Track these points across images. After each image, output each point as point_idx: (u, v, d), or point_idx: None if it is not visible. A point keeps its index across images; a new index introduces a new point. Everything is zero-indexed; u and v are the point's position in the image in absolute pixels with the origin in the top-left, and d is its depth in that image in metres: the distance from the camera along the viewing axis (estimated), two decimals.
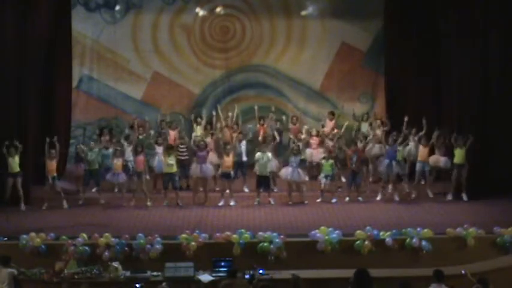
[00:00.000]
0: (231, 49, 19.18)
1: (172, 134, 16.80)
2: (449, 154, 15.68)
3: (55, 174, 15.52)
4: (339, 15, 18.88)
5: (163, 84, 19.14)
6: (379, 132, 16.73)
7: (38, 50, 16.51)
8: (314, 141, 16.83)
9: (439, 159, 15.78)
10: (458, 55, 15.99)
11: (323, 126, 17.55)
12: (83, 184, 15.91)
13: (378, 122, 17.24)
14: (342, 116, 18.98)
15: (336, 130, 16.85)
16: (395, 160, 15.64)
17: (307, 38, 19.08)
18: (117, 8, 18.88)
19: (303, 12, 19.13)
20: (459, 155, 15.37)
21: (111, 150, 16.06)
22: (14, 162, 15.05)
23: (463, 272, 11.31)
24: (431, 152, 15.90)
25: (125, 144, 16.24)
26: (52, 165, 15.45)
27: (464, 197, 15.60)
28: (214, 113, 17.43)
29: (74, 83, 18.58)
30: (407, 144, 16.20)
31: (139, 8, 18.86)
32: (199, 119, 17.45)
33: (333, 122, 17.58)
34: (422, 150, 15.72)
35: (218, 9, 19.08)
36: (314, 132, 17.02)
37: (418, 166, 15.75)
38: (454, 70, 16.21)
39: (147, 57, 19.03)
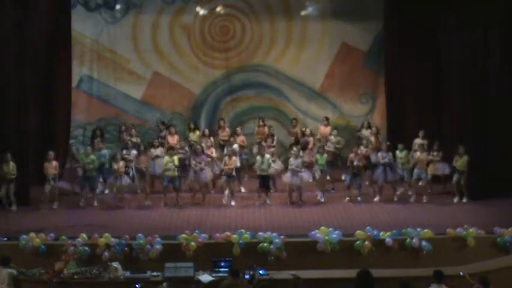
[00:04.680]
0: (231, 49, 19.17)
1: (171, 140, 16.77)
2: (446, 161, 15.73)
3: (55, 174, 15.49)
4: (339, 16, 18.88)
5: (163, 84, 19.13)
6: (373, 139, 16.78)
7: (38, 50, 16.50)
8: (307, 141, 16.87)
9: (437, 166, 15.79)
10: (459, 55, 15.99)
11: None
12: (80, 188, 15.87)
13: (374, 129, 17.25)
14: (342, 117, 19.08)
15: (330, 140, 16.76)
16: (389, 166, 15.68)
17: (307, 38, 19.07)
18: (117, 8, 18.89)
19: (303, 13, 19.12)
20: (461, 161, 15.39)
21: (104, 151, 16.08)
22: (8, 168, 15.02)
23: (461, 274, 11.30)
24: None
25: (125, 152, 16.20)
26: (51, 166, 15.43)
27: (465, 199, 15.61)
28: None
29: (74, 83, 18.58)
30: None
31: (139, 8, 18.86)
32: (192, 125, 17.47)
33: (328, 128, 17.55)
34: (420, 158, 15.72)
35: (218, 9, 19.09)
36: (308, 132, 17.04)
37: (415, 174, 15.78)
38: (454, 70, 16.21)
39: (147, 57, 19.03)
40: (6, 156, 14.99)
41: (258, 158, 15.61)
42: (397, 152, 15.83)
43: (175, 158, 15.47)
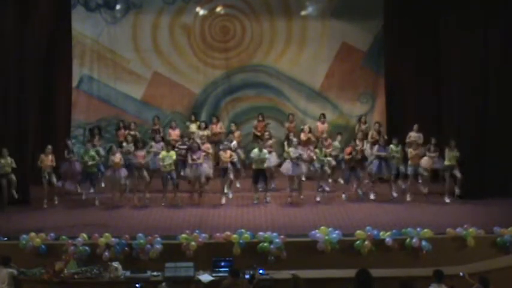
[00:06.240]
0: (231, 49, 19.18)
1: (173, 133, 16.90)
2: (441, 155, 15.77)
3: (50, 169, 15.48)
4: (339, 15, 18.88)
5: (163, 84, 19.14)
6: (375, 134, 16.78)
7: (38, 50, 16.51)
8: (305, 137, 16.88)
9: (434, 161, 15.79)
10: (459, 55, 16.00)
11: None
12: (81, 185, 15.88)
13: (377, 125, 17.26)
14: (342, 116, 19.09)
15: (328, 141, 16.73)
16: (385, 161, 15.70)
17: (307, 38, 19.08)
18: (117, 7, 18.90)
19: (303, 12, 19.13)
20: (449, 157, 15.39)
21: (99, 148, 16.10)
22: (6, 162, 15.05)
23: (461, 274, 11.31)
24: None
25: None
26: (48, 159, 15.43)
27: (455, 195, 15.60)
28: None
29: (74, 83, 18.59)
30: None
31: (139, 8, 18.87)
32: (193, 117, 17.61)
33: (325, 125, 17.58)
34: (413, 154, 15.73)
35: (218, 9, 19.10)
36: (306, 129, 17.08)
37: (409, 170, 15.79)
38: (454, 70, 16.21)
39: (147, 57, 19.03)
40: (2, 151, 15.01)
41: (256, 150, 15.58)
42: (392, 147, 15.83)
43: (173, 153, 15.50)
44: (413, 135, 16.36)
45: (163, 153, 15.49)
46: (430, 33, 16.87)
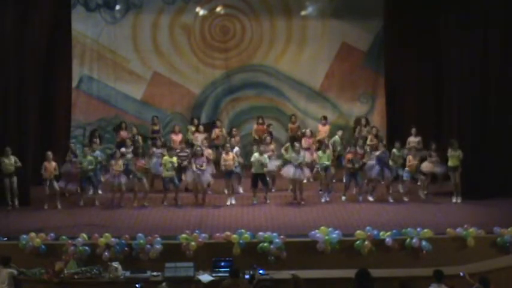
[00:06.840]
0: (231, 49, 19.17)
1: (175, 138, 16.96)
2: (443, 160, 15.74)
3: (53, 176, 15.48)
4: (339, 15, 18.88)
5: (163, 84, 19.13)
6: (374, 140, 16.78)
7: (38, 50, 16.50)
8: (308, 141, 16.86)
9: (433, 165, 15.79)
10: (459, 55, 16.00)
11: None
12: (81, 189, 15.86)
13: (374, 129, 17.26)
14: (342, 116, 19.09)
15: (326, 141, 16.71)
16: (386, 166, 15.69)
17: (307, 38, 19.07)
18: (117, 8, 18.89)
19: (303, 12, 19.13)
20: (452, 157, 15.39)
21: (98, 152, 16.06)
22: (9, 162, 15.06)
23: (461, 274, 11.31)
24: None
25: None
26: (51, 166, 15.43)
27: (459, 199, 15.56)
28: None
29: (74, 83, 18.58)
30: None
31: (139, 8, 18.86)
32: (195, 121, 17.59)
33: (326, 127, 17.58)
34: (412, 163, 15.70)
35: (218, 9, 19.10)
36: (308, 133, 17.06)
37: (405, 176, 15.75)
38: (454, 70, 16.21)
39: (147, 57, 19.02)
40: (5, 150, 15.02)
41: (257, 155, 15.57)
42: (394, 151, 15.82)
43: (175, 159, 15.49)
44: (412, 141, 16.33)
45: (166, 158, 15.45)
46: (431, 33, 16.88)
